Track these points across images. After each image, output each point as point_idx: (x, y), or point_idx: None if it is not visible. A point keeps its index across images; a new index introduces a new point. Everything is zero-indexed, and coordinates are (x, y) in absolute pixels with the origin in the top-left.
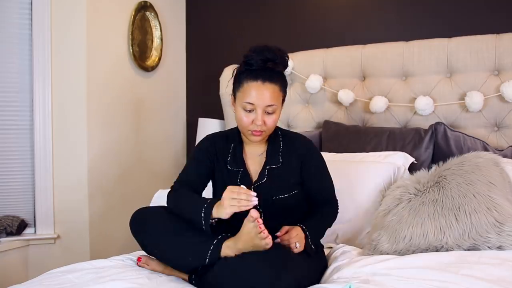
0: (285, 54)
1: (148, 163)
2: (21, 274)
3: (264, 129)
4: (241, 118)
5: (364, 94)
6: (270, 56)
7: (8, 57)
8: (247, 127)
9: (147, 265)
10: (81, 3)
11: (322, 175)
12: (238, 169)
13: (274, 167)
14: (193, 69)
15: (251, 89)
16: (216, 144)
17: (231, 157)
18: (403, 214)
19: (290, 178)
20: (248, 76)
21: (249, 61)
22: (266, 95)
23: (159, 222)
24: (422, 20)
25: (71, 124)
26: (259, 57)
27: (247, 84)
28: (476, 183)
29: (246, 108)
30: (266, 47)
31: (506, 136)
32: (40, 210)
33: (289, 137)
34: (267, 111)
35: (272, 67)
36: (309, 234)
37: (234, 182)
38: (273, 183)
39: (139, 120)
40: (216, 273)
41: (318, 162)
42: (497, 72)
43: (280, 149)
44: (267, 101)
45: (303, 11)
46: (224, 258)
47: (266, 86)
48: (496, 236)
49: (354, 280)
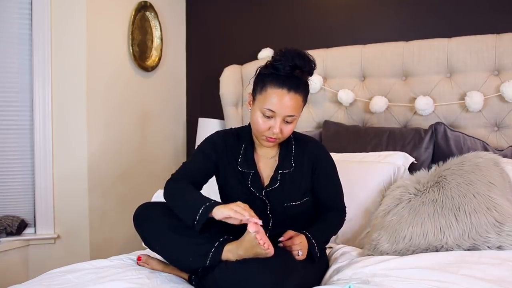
0: (313, 62)
1: (148, 163)
2: (21, 274)
3: (279, 137)
4: (257, 121)
5: (364, 94)
6: (300, 63)
7: (8, 57)
8: (262, 132)
9: (147, 264)
10: (81, 3)
11: (332, 181)
12: (249, 171)
13: (287, 171)
14: (193, 69)
15: (274, 96)
16: (226, 141)
17: (242, 158)
18: (403, 214)
19: (301, 183)
20: (273, 82)
21: (277, 66)
22: (288, 105)
23: (163, 219)
24: (422, 20)
25: (71, 124)
26: (288, 63)
27: (271, 89)
28: (476, 183)
29: (266, 114)
30: (296, 52)
31: (506, 136)
32: (40, 210)
33: (302, 140)
34: (286, 120)
35: (299, 75)
36: (314, 241)
37: (244, 184)
38: (285, 189)
39: (139, 120)
40: (217, 277)
41: (329, 167)
42: (497, 72)
43: (292, 153)
44: (289, 111)
45: (303, 11)
46: (225, 262)
47: (291, 96)
48: (496, 236)
49: (354, 280)
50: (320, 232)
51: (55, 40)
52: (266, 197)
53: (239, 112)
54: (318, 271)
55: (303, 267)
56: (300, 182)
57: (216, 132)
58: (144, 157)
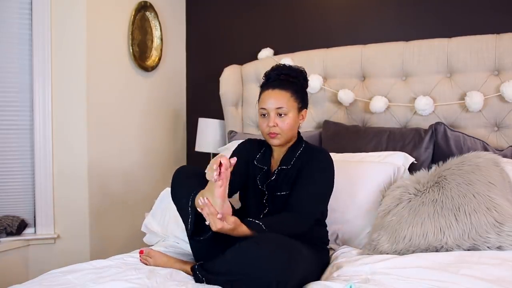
0: (301, 68)
1: (148, 163)
2: (21, 274)
3: (278, 131)
4: (260, 124)
5: (364, 94)
6: (285, 72)
7: (8, 57)
8: (264, 130)
9: (149, 257)
10: (81, 3)
11: (309, 185)
12: (262, 166)
13: (285, 167)
14: (193, 69)
15: (264, 96)
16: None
17: (260, 156)
18: (403, 214)
19: (292, 178)
20: (264, 87)
21: (267, 76)
22: (274, 99)
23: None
24: (422, 20)
25: (71, 124)
26: (275, 72)
27: (262, 93)
28: (476, 183)
29: (262, 114)
30: (284, 65)
31: (506, 136)
32: (40, 210)
33: (310, 149)
34: (279, 112)
35: (285, 78)
36: (256, 220)
37: (254, 176)
38: (279, 181)
39: (139, 120)
40: (229, 258)
41: (316, 171)
42: (497, 72)
43: (296, 156)
44: (276, 104)
45: (303, 11)
46: (239, 243)
47: (276, 91)
48: (496, 236)
49: (354, 278)
50: (267, 220)
51: (55, 40)
52: (265, 188)
53: (239, 112)
54: (319, 264)
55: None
56: (292, 176)
57: (246, 140)
58: (144, 157)
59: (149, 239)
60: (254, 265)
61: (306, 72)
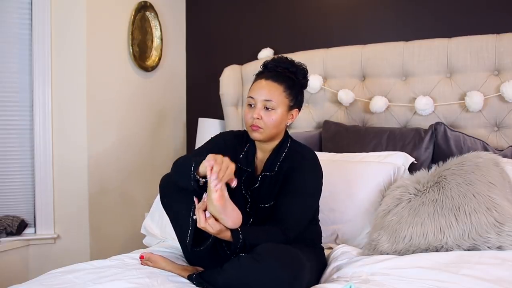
0: (303, 66)
1: (148, 163)
2: (21, 274)
3: (261, 125)
4: (245, 114)
5: (364, 94)
6: (284, 65)
7: (8, 57)
8: (247, 121)
9: (150, 262)
10: (81, 3)
11: (293, 198)
12: (246, 168)
13: (268, 174)
14: (193, 69)
15: (255, 85)
16: (234, 139)
17: (244, 156)
18: (403, 214)
19: (275, 188)
20: (257, 76)
21: (265, 65)
22: (264, 90)
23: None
24: (422, 20)
25: (71, 124)
26: (274, 62)
27: (254, 82)
28: (476, 183)
29: (249, 103)
30: (286, 58)
31: (506, 136)
32: (40, 210)
33: (295, 148)
34: (266, 106)
35: (282, 71)
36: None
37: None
38: (263, 190)
39: (139, 120)
40: (229, 275)
41: (300, 183)
42: (497, 72)
43: (281, 158)
44: (265, 95)
45: (303, 11)
46: (238, 259)
47: (268, 82)
48: (496, 236)
49: (354, 279)
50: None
51: (55, 40)
52: (249, 195)
53: (239, 112)
54: (317, 267)
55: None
56: (276, 185)
57: (228, 131)
58: (144, 157)
59: (148, 240)
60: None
61: (307, 70)
